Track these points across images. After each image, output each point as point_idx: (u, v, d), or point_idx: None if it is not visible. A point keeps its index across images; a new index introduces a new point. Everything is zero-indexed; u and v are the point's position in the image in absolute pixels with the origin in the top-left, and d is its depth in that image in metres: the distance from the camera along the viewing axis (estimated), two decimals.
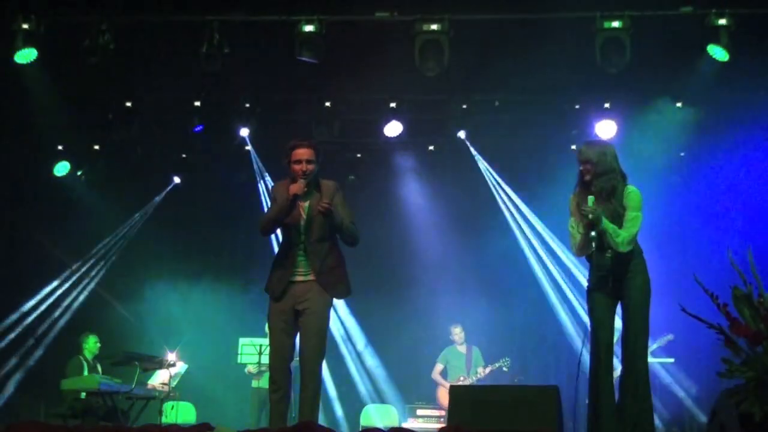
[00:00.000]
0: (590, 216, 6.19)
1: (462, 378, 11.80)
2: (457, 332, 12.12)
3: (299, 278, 6.46)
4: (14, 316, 12.53)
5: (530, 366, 12.78)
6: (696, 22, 9.60)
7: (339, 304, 12.52)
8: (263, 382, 11.26)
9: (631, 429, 6.15)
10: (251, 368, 11.55)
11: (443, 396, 11.74)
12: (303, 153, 6.47)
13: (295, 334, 6.52)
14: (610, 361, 6.41)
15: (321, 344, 6.43)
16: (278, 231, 6.90)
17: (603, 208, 6.33)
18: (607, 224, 6.23)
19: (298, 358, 6.55)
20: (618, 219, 6.32)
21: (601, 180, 6.38)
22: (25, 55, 9.77)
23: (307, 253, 6.46)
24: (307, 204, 6.50)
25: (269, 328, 6.61)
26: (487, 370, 11.75)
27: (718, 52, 9.58)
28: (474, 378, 11.76)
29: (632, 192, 6.41)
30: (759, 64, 10.02)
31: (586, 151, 6.48)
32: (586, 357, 6.53)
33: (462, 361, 12.01)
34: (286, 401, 6.44)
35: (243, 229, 13.02)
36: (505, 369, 11.73)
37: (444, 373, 12.07)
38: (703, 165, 12.13)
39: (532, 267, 12.93)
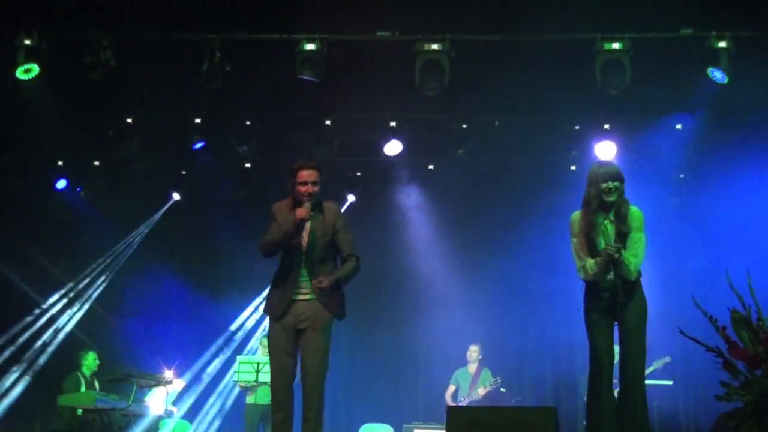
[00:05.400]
0: (616, 255, 6.17)
1: (461, 399, 11.78)
2: (472, 350, 12.10)
3: (301, 297, 6.42)
4: (12, 332, 12.50)
5: (527, 387, 12.74)
6: (696, 44, 9.62)
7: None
8: (258, 398, 11.24)
9: None
10: (242, 383, 11.53)
11: None
12: (309, 175, 6.43)
13: (297, 354, 6.47)
14: (612, 384, 6.38)
15: (323, 363, 6.39)
16: None
17: (612, 228, 6.32)
18: (625, 255, 6.21)
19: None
20: (623, 239, 6.30)
21: (620, 199, 6.37)
22: (27, 71, 9.79)
23: (309, 274, 6.42)
24: (309, 225, 6.47)
25: (270, 347, 6.53)
26: (480, 390, 11.71)
27: (718, 75, 9.59)
28: (476, 396, 11.71)
29: (636, 212, 6.38)
30: (759, 86, 10.04)
31: (614, 169, 6.38)
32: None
33: (468, 381, 11.99)
34: (290, 422, 6.41)
35: (242, 247, 13.00)
36: (503, 390, 11.69)
37: (455, 395, 12.03)
38: (703, 187, 12.15)
39: (531, 285, 12.91)
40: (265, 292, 6.86)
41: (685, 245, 12.51)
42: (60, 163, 12.67)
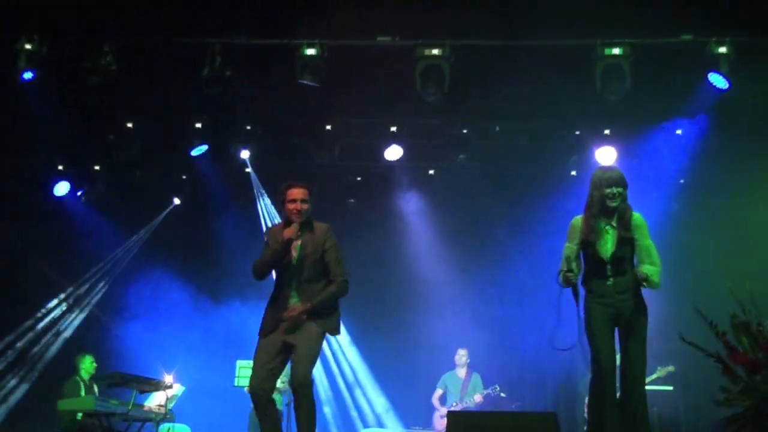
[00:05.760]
0: (645, 284, 6.19)
1: (454, 404, 11.75)
2: (461, 354, 12.08)
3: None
4: (11, 337, 12.49)
5: (527, 392, 12.71)
6: (696, 49, 9.63)
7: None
8: None
9: None
10: (248, 388, 11.48)
11: (438, 421, 11.72)
12: (297, 193, 6.55)
13: (281, 361, 6.48)
14: (614, 388, 6.36)
15: (311, 366, 6.38)
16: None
17: (614, 233, 6.32)
18: (645, 269, 6.21)
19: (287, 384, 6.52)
20: (624, 244, 6.31)
21: (623, 205, 6.38)
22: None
23: (299, 293, 6.47)
24: (299, 244, 6.53)
25: (255, 354, 6.55)
26: (477, 397, 11.69)
27: (718, 80, 9.60)
28: (470, 403, 11.68)
29: (640, 219, 6.40)
30: (759, 91, 10.05)
31: (618, 175, 6.40)
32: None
33: (458, 386, 11.96)
34: (278, 427, 6.41)
35: (242, 251, 12.99)
36: (503, 395, 11.67)
37: (443, 398, 12.02)
38: (704, 192, 12.14)
39: (531, 292, 12.90)
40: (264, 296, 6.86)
41: (686, 250, 12.50)
42: (60, 167, 12.67)
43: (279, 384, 10.27)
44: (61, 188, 12.64)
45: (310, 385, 6.34)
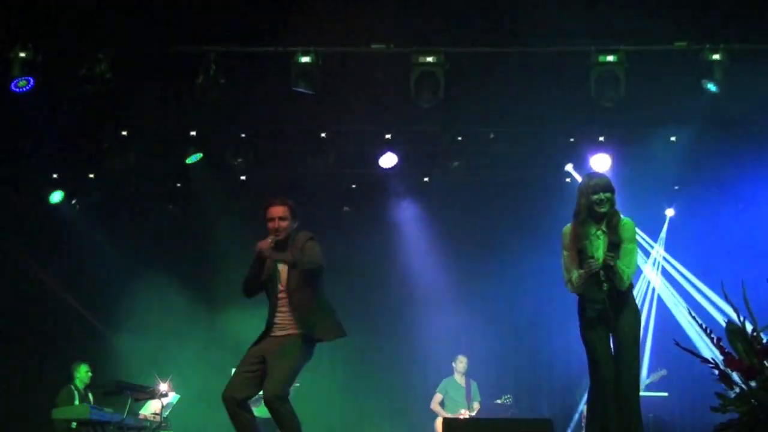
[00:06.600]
0: (611, 263, 6.17)
1: (463, 411, 11.74)
2: (461, 361, 12.08)
3: (277, 333, 6.48)
4: (7, 343, 12.47)
5: (522, 398, 12.72)
6: (690, 56, 9.65)
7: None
8: (259, 411, 11.19)
9: None
10: None
11: (441, 426, 11.71)
12: (276, 211, 6.59)
13: (259, 374, 6.45)
14: (613, 392, 6.32)
15: (281, 382, 6.30)
16: None
17: (605, 238, 6.32)
18: (618, 265, 6.21)
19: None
20: (615, 249, 6.30)
21: (612, 210, 6.38)
22: (22, 84, 9.77)
23: (287, 308, 6.47)
24: (278, 259, 6.53)
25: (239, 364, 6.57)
26: (479, 409, 11.71)
27: (712, 87, 9.62)
28: (473, 413, 11.71)
29: (628, 223, 6.40)
30: (753, 98, 10.07)
31: (605, 181, 6.41)
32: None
33: (462, 393, 11.96)
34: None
35: (238, 259, 12.95)
36: (498, 401, 11.68)
37: (442, 404, 12.01)
38: (697, 199, 12.17)
39: (525, 298, 12.91)
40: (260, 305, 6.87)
41: (680, 257, 12.54)
42: (55, 175, 12.64)
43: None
44: (56, 196, 12.61)
45: (280, 401, 6.24)
